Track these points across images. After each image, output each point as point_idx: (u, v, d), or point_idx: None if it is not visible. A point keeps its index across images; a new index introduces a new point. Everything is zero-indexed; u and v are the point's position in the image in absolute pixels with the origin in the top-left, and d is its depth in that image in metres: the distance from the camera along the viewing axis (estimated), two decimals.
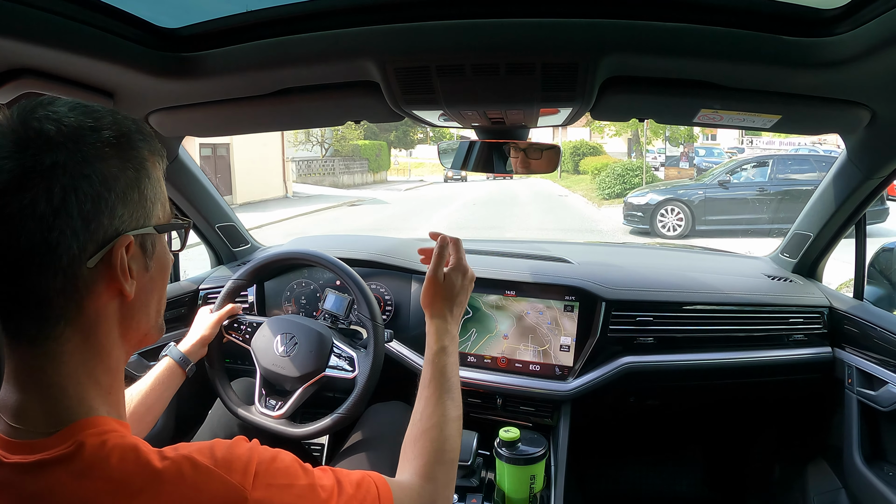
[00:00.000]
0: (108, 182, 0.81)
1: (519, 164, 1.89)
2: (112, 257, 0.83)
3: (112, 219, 0.82)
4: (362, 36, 1.36)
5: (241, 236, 2.74)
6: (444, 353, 1.45)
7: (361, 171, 40.31)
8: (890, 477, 1.99)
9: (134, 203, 0.86)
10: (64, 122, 0.79)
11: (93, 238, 0.80)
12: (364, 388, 1.93)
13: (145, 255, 0.90)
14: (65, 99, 0.84)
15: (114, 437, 0.81)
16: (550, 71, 1.39)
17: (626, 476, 3.06)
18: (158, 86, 1.55)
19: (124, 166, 0.84)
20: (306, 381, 1.95)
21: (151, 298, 0.95)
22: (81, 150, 0.79)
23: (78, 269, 0.80)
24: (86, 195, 0.79)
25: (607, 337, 2.24)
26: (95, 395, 0.85)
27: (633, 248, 4.69)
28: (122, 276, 0.84)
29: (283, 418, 1.95)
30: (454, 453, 1.32)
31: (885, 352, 2.04)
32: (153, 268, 0.92)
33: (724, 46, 1.32)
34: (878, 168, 1.93)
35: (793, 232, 2.52)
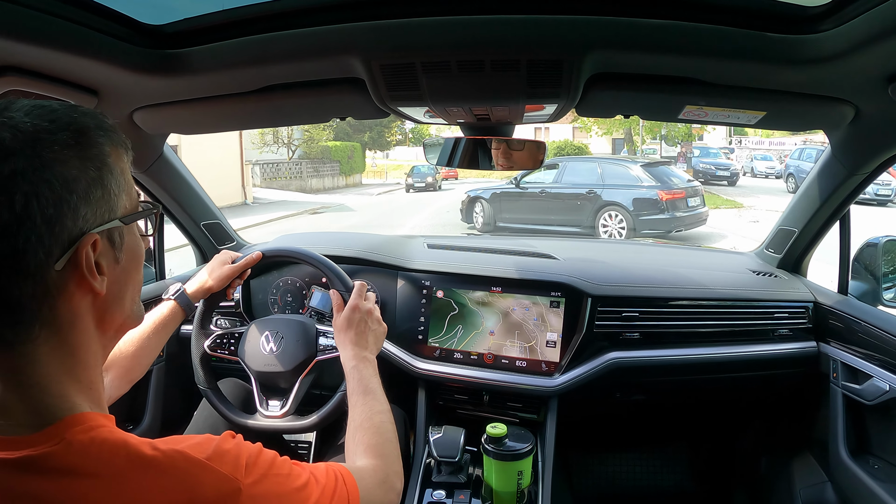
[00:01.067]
0: (68, 184, 0.81)
1: (501, 156, 1.89)
2: (78, 258, 0.82)
3: (76, 219, 0.82)
4: (348, 33, 1.35)
5: (226, 234, 2.72)
6: (358, 368, 1.64)
7: (332, 175, 38.13)
8: (875, 470, 2.00)
9: (97, 200, 0.85)
10: (20, 128, 0.79)
11: (58, 241, 0.80)
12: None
13: (114, 248, 0.90)
14: (22, 101, 0.83)
15: (102, 432, 0.81)
16: (536, 67, 1.39)
17: (614, 471, 3.06)
18: (143, 83, 1.54)
19: (84, 166, 0.83)
20: (301, 371, 1.94)
21: (126, 289, 0.94)
22: (40, 156, 0.79)
23: (46, 273, 0.80)
24: (48, 200, 0.78)
25: (593, 332, 2.24)
26: (76, 391, 0.85)
27: (619, 243, 4.71)
28: (90, 274, 0.84)
29: (290, 415, 1.94)
30: (391, 434, 1.47)
31: (869, 346, 2.05)
32: (124, 259, 0.92)
33: (709, 43, 1.33)
34: (861, 164, 1.94)
35: (778, 227, 2.52)
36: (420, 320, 2.35)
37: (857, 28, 1.18)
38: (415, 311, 2.37)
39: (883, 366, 1.97)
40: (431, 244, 2.65)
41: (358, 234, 2.79)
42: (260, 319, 2.07)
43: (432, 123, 1.97)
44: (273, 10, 1.39)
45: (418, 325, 2.35)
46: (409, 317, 2.37)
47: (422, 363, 2.30)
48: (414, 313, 2.37)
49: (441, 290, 2.36)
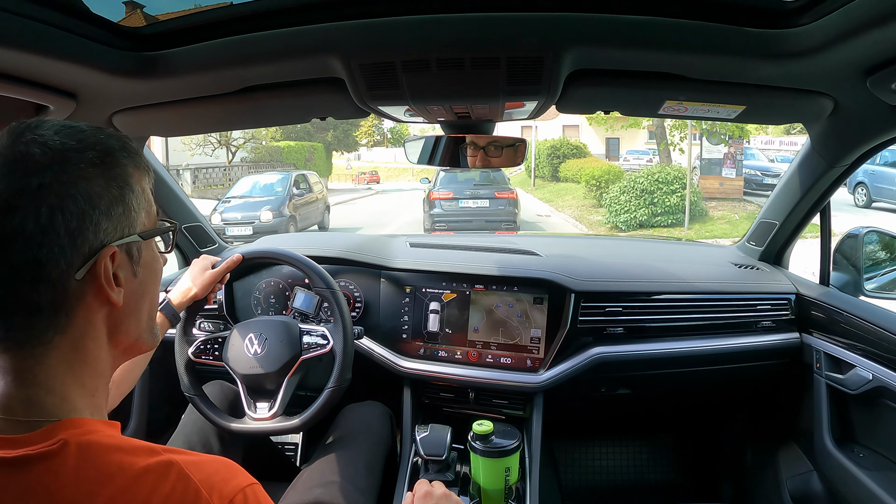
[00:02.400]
0: (92, 200, 0.84)
1: (481, 154, 1.89)
2: (97, 269, 0.85)
3: (97, 233, 0.85)
4: (327, 32, 1.34)
5: (208, 237, 2.70)
6: None
7: None
8: (860, 458, 2.01)
9: (118, 216, 0.88)
10: (49, 144, 0.82)
11: (79, 252, 0.83)
12: (344, 355, 1.94)
13: (132, 262, 0.92)
14: (52, 121, 0.86)
15: (98, 437, 0.82)
16: (516, 64, 1.38)
17: (601, 464, 3.07)
18: (122, 86, 1.53)
19: (108, 185, 0.87)
20: (287, 371, 1.94)
21: (142, 303, 0.97)
22: (67, 171, 0.82)
23: (67, 282, 0.83)
24: (71, 214, 0.82)
25: (577, 328, 2.25)
26: (79, 395, 0.86)
27: (601, 239, 4.73)
28: (108, 285, 0.86)
29: (278, 416, 1.93)
30: None
31: (851, 336, 2.06)
32: (141, 273, 0.94)
33: (688, 39, 1.33)
34: (841, 156, 1.95)
35: (759, 220, 2.54)
36: (404, 319, 2.35)
37: (835, 22, 1.18)
38: (398, 310, 2.36)
39: (865, 355, 1.98)
40: (414, 243, 2.64)
41: (340, 235, 2.79)
42: (243, 322, 2.05)
43: (413, 122, 1.96)
44: (252, 11, 1.38)
45: (402, 324, 2.35)
46: (393, 316, 2.36)
47: (406, 362, 2.29)
48: (397, 312, 2.36)
49: (424, 289, 2.36)
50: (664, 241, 3.63)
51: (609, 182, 19.65)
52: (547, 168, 30.52)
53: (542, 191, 28.66)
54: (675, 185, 16.59)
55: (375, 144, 55.80)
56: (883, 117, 1.64)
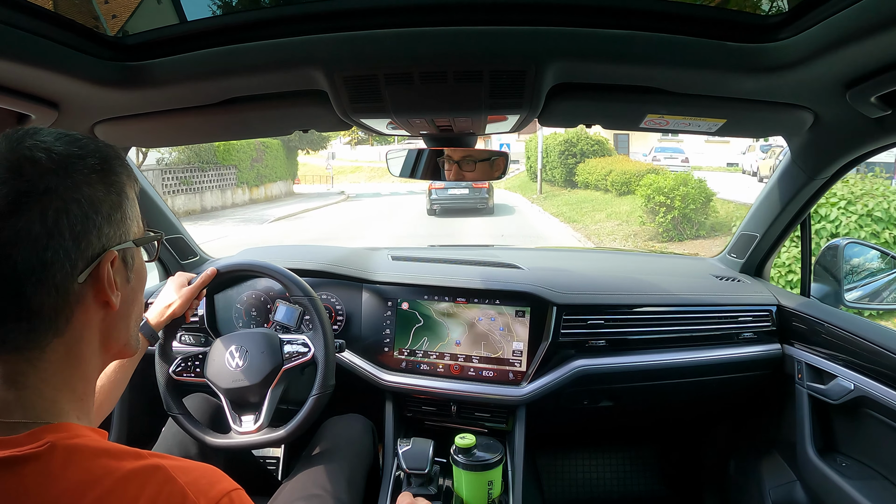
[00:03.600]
0: (94, 204, 0.87)
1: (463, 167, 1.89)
2: (100, 272, 0.88)
3: (100, 237, 0.88)
4: (310, 45, 1.34)
5: (189, 248, 2.68)
6: None
7: (222, 186, 26.14)
8: (843, 468, 2.01)
9: (117, 222, 0.91)
10: (53, 150, 0.85)
11: (83, 255, 0.86)
12: (326, 361, 1.94)
13: (126, 268, 0.96)
14: (48, 129, 0.89)
15: (85, 441, 0.83)
16: (498, 78, 1.38)
17: (584, 477, 3.06)
18: (104, 96, 1.51)
19: (108, 190, 0.90)
20: (270, 382, 1.92)
21: (133, 309, 1.00)
22: (71, 176, 0.85)
23: (70, 285, 0.85)
24: (76, 217, 0.84)
25: (559, 341, 2.24)
26: (68, 399, 0.88)
27: (583, 252, 4.73)
28: (109, 288, 0.89)
29: (264, 428, 1.92)
30: None
31: (833, 346, 2.07)
32: (133, 279, 0.98)
33: (669, 53, 1.33)
34: (821, 169, 1.97)
35: (739, 233, 2.55)
36: (385, 332, 2.34)
37: (815, 36, 1.19)
38: (380, 324, 2.35)
39: (847, 365, 1.99)
40: (395, 256, 2.63)
41: (322, 247, 2.77)
42: (222, 337, 2.03)
43: (395, 135, 1.96)
44: (235, 22, 1.37)
45: (384, 338, 2.33)
46: (375, 329, 2.35)
47: (388, 375, 2.28)
48: (379, 325, 2.35)
49: (406, 302, 2.34)
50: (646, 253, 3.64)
51: (690, 200, 14.37)
52: (559, 170, 25.45)
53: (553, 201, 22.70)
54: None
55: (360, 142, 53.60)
56: (862, 130, 1.65)
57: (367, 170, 52.31)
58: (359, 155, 56.22)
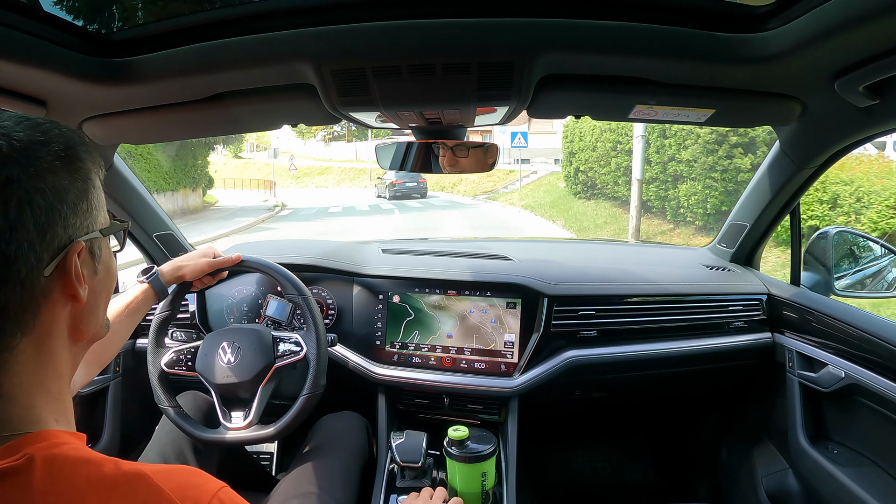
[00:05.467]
0: (59, 193, 0.82)
1: (451, 160, 1.89)
2: (67, 264, 0.84)
3: (66, 227, 0.83)
4: (298, 39, 1.33)
5: (179, 245, 2.66)
6: None
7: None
8: (835, 455, 2.02)
9: (83, 212, 0.86)
10: (14, 136, 0.79)
11: (48, 248, 0.81)
12: (318, 361, 1.93)
13: (94, 260, 0.91)
14: (8, 113, 0.84)
15: (65, 450, 0.79)
16: (486, 70, 1.37)
17: (577, 467, 3.07)
18: (92, 92, 1.50)
19: (73, 178, 0.85)
20: (261, 380, 1.91)
21: (101, 301, 0.96)
22: (34, 164, 0.80)
23: (36, 279, 0.80)
24: (41, 208, 0.79)
25: (550, 332, 2.25)
26: (45, 402, 0.84)
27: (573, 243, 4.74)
28: (77, 280, 0.85)
29: (254, 425, 1.91)
30: None
31: (823, 335, 2.08)
32: (101, 271, 0.93)
33: (657, 44, 1.32)
34: (810, 158, 1.97)
35: (729, 222, 2.56)
36: (377, 325, 2.33)
37: (803, 26, 1.19)
38: (372, 317, 2.35)
39: (837, 353, 2.00)
40: (386, 249, 2.63)
41: (312, 241, 2.76)
42: (215, 332, 2.02)
43: (383, 128, 1.96)
44: (223, 17, 1.36)
45: (376, 331, 2.33)
46: (367, 322, 2.35)
47: (380, 369, 2.28)
48: (371, 319, 2.34)
49: (397, 296, 2.34)
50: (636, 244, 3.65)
51: None
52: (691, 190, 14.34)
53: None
54: None
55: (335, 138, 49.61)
56: (851, 119, 1.65)
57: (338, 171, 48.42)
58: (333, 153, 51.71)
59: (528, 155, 34.84)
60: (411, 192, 31.28)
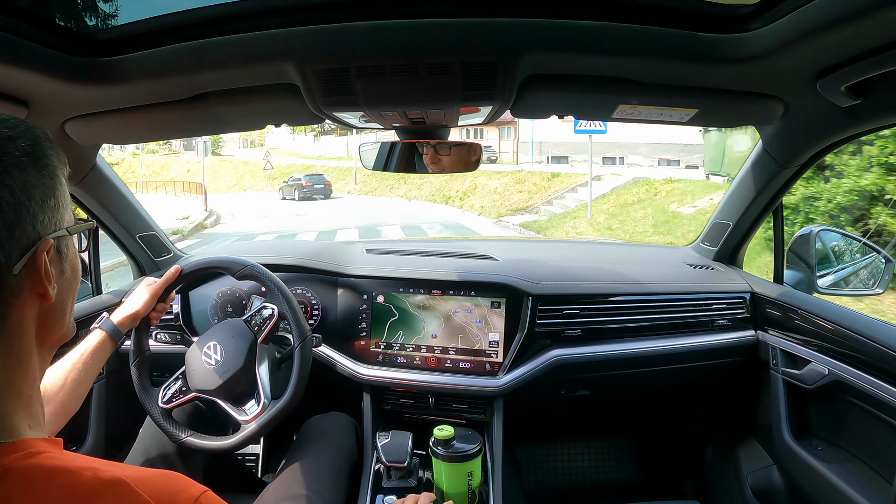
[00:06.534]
0: (27, 190, 0.81)
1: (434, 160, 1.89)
2: (36, 262, 0.82)
3: (34, 224, 0.82)
4: (281, 38, 1.33)
5: (163, 246, 2.65)
6: None
7: None
8: (819, 451, 2.03)
9: (51, 209, 0.85)
10: None
11: (17, 245, 0.79)
12: (293, 311, 1.95)
13: (61, 259, 0.90)
14: None
15: (41, 459, 0.78)
16: (470, 70, 1.38)
17: (563, 465, 3.07)
18: (75, 92, 1.49)
19: (41, 174, 0.84)
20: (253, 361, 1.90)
21: (68, 301, 0.94)
22: (1, 160, 0.78)
23: (5, 278, 0.79)
24: (9, 205, 0.78)
25: (535, 331, 2.25)
26: (17, 408, 0.82)
27: (557, 243, 4.75)
28: (46, 278, 0.83)
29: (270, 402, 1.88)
30: None
31: (806, 332, 2.09)
32: (68, 270, 0.92)
33: (641, 44, 1.34)
34: (792, 158, 1.98)
35: (713, 221, 2.57)
36: (362, 326, 2.33)
37: (785, 26, 1.20)
38: (356, 318, 2.34)
39: (821, 351, 2.01)
40: (370, 249, 2.62)
41: (296, 242, 2.78)
42: (192, 346, 1.99)
43: (368, 128, 1.96)
44: (206, 17, 1.35)
45: (360, 332, 2.32)
46: (351, 323, 2.34)
47: (365, 369, 2.27)
48: (355, 319, 2.34)
49: (381, 296, 2.33)
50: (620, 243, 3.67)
51: None
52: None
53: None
54: None
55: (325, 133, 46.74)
56: (833, 119, 1.66)
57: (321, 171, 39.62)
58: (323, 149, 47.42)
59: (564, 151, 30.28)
60: (315, 194, 32.23)
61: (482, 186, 26.43)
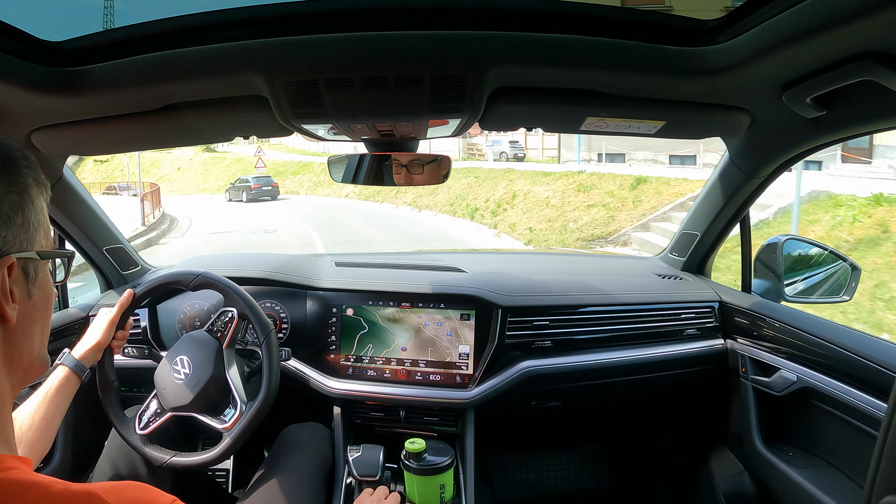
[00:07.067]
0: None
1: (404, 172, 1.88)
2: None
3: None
4: (250, 50, 1.32)
5: (130, 258, 2.61)
6: None
7: None
8: (790, 457, 2.04)
9: (17, 226, 0.83)
10: None
11: None
12: (251, 309, 1.93)
13: (27, 281, 0.86)
14: None
15: (12, 474, 0.76)
16: (439, 83, 1.38)
17: (536, 477, 3.06)
18: (42, 102, 1.47)
19: (8, 189, 0.82)
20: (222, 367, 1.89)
21: (35, 327, 0.91)
22: None
23: None
24: None
25: (505, 343, 2.25)
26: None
27: (526, 254, 4.78)
28: (3, 296, 0.81)
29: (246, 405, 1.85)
30: None
31: (775, 340, 2.11)
32: (36, 295, 0.89)
33: (608, 57, 1.35)
34: (758, 169, 2.00)
35: (680, 231, 2.59)
36: (331, 339, 2.31)
37: (751, 40, 1.21)
38: (325, 331, 2.32)
39: (789, 358, 2.03)
40: (339, 262, 2.60)
41: (264, 255, 2.74)
42: (158, 366, 1.97)
43: (336, 140, 1.95)
44: (175, 27, 1.34)
45: (329, 345, 2.31)
46: (320, 336, 2.33)
47: (335, 383, 2.26)
48: (324, 333, 2.32)
49: (351, 308, 2.32)
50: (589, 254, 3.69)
51: None
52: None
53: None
54: None
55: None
56: (799, 130, 1.68)
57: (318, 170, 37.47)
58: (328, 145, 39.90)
59: (621, 147, 24.85)
60: (263, 196, 33.00)
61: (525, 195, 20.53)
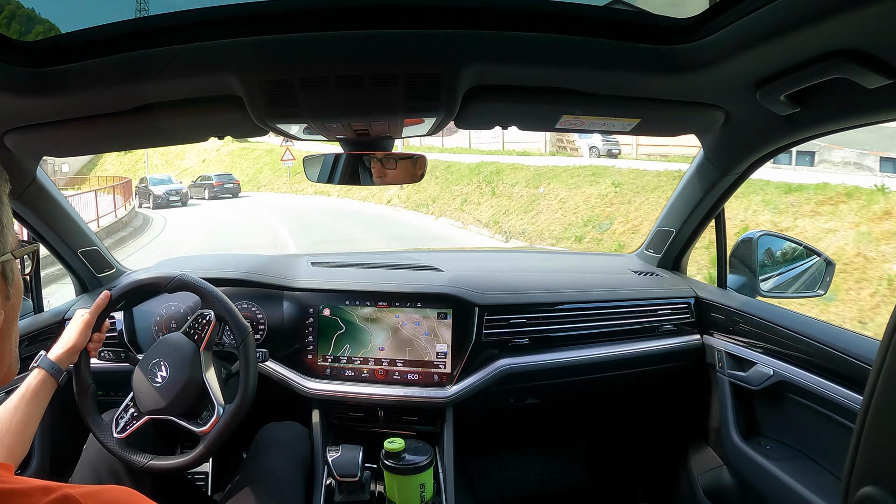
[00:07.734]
0: None
1: (379, 171, 1.88)
2: None
3: None
4: (224, 49, 1.30)
5: (105, 261, 2.58)
6: None
7: None
8: (767, 450, 2.06)
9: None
10: None
11: None
12: (228, 312, 1.89)
13: (6, 283, 0.85)
14: None
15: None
16: (414, 82, 1.37)
17: (516, 474, 3.06)
18: (15, 103, 1.44)
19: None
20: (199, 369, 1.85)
21: (13, 328, 0.90)
22: None
23: None
24: None
25: (483, 341, 2.25)
26: None
27: (502, 253, 4.78)
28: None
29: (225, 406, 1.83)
30: None
31: (750, 335, 2.13)
32: (13, 296, 0.87)
33: (583, 55, 1.35)
34: (733, 165, 2.02)
35: (656, 228, 2.60)
36: (308, 340, 2.30)
37: (726, 38, 1.22)
38: (302, 332, 2.31)
39: (765, 352, 2.05)
40: (315, 262, 2.59)
41: (240, 256, 2.72)
42: (134, 371, 1.92)
43: (314, 140, 1.94)
44: (150, 27, 1.32)
45: (307, 346, 2.30)
46: (297, 337, 2.32)
47: (313, 383, 2.25)
48: (301, 333, 2.31)
49: (328, 309, 2.31)
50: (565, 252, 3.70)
51: None
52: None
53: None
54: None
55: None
56: (772, 127, 1.69)
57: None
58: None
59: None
60: (224, 193, 32.76)
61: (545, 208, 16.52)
